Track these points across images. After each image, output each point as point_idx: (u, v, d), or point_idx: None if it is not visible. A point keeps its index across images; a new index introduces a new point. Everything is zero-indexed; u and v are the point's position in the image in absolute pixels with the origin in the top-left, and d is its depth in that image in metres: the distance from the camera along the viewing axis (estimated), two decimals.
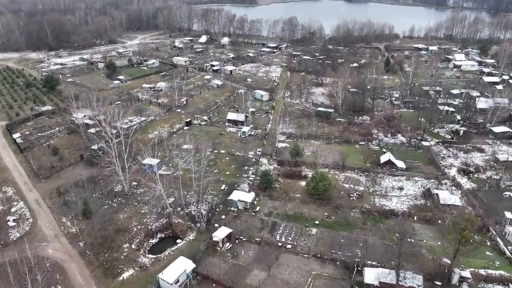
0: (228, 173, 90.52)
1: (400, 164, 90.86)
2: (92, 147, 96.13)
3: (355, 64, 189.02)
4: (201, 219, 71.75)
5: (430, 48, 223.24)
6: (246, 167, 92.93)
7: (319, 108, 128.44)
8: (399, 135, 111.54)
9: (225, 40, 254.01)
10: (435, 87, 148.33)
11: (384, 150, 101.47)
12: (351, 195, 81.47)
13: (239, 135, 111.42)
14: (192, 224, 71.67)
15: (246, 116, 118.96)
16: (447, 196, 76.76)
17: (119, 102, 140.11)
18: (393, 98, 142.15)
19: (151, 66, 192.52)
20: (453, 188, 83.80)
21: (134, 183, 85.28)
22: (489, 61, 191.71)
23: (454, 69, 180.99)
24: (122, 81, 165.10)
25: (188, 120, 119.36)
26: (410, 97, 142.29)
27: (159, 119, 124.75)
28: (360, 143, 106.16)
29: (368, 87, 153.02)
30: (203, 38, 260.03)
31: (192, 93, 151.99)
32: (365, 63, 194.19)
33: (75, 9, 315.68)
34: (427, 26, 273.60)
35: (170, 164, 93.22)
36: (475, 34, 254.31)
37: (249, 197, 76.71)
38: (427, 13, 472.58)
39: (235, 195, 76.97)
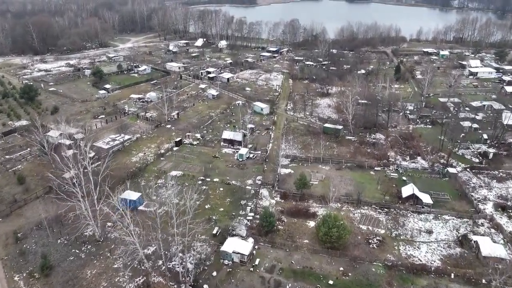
0: (222, 209, 76.29)
1: (426, 198, 76.64)
2: (63, 176, 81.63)
3: (362, 71, 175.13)
4: (187, 278, 57.61)
5: (441, 52, 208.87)
6: (243, 202, 78.60)
7: (326, 125, 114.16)
8: (419, 158, 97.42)
9: (223, 43, 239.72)
10: (454, 98, 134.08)
11: (404, 178, 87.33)
12: (370, 241, 67.27)
13: (235, 158, 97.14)
14: (175, 286, 57.45)
15: (244, 135, 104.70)
16: (490, 246, 62.67)
17: (103, 116, 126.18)
18: (407, 112, 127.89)
19: (142, 72, 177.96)
20: (493, 231, 69.74)
21: (109, 224, 71.09)
22: (507, 67, 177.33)
23: (470, 77, 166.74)
24: (109, 90, 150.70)
25: (178, 139, 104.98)
26: (426, 110, 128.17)
27: (146, 137, 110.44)
28: (376, 168, 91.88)
29: (378, 97, 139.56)
30: (199, 42, 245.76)
31: (185, 104, 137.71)
32: (373, 69, 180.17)
33: (65, 11, 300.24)
34: (435, 29, 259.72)
35: (154, 197, 78.98)
36: (488, 37, 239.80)
37: (246, 247, 62.46)
38: (431, 14, 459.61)
39: (230, 245, 62.70)
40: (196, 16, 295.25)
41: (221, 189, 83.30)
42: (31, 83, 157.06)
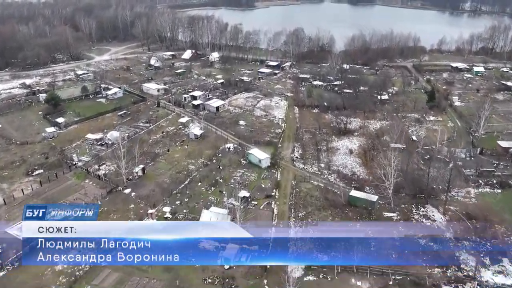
0: None
1: None
2: None
3: (385, 95, 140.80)
4: None
5: (475, 68, 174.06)
6: None
7: (353, 193, 78.87)
8: (505, 260, 62.79)
9: (215, 56, 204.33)
10: None
11: None
12: None
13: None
14: None
15: (233, 218, 69.67)
16: None
17: (41, 171, 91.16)
18: (459, 163, 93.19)
19: (112, 97, 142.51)
20: None
21: None
22: None
23: None
24: (61, 126, 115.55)
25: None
26: (485, 161, 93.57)
27: None
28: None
29: (414, 137, 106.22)
30: (187, 54, 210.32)
31: (157, 150, 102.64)
32: (398, 92, 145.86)
33: (35, 17, 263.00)
34: (459, 37, 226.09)
35: None
36: None
37: None
38: (441, 18, 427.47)
39: None
40: (185, 22, 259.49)
41: None
42: None
